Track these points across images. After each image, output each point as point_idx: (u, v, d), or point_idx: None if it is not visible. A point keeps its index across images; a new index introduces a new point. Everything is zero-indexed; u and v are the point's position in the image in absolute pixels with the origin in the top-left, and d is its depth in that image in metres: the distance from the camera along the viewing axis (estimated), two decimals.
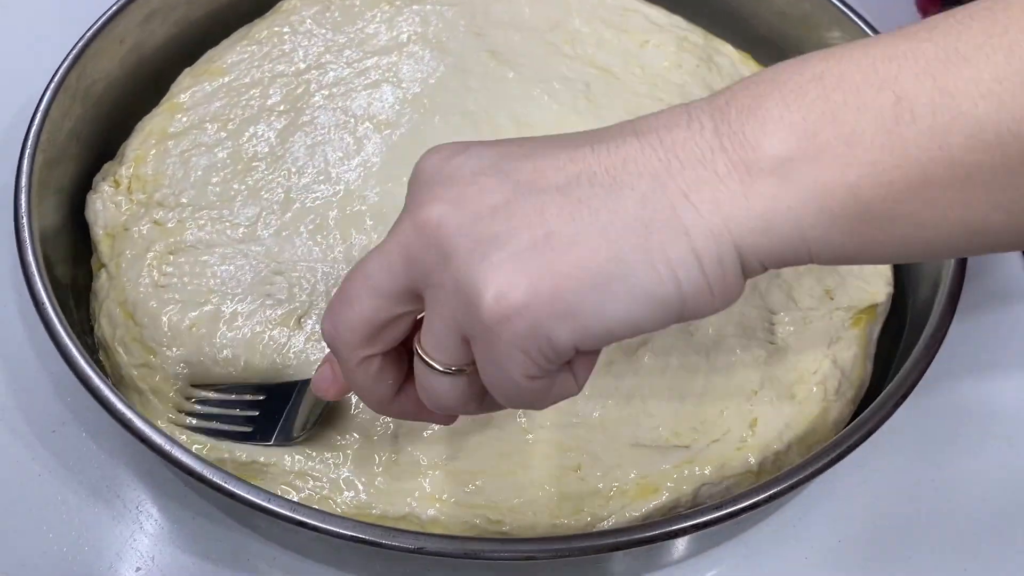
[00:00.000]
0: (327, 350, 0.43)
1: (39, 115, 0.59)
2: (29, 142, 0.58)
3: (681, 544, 0.56)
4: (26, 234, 0.55)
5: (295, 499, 0.51)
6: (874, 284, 0.62)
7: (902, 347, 0.62)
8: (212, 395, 0.55)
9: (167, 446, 0.48)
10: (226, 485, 0.47)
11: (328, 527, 0.46)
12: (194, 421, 0.54)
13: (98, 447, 0.59)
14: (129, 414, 0.49)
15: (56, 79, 0.61)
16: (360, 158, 0.65)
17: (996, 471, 0.62)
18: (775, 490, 0.48)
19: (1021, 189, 0.33)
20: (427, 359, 0.38)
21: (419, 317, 0.39)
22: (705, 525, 0.47)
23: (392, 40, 0.71)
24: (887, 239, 0.34)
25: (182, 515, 0.57)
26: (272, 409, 0.53)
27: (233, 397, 0.54)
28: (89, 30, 0.63)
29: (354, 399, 0.54)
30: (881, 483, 0.61)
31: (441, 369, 0.38)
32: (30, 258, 0.54)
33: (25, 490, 0.57)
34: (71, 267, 0.62)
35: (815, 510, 0.60)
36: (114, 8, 0.65)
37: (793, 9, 0.75)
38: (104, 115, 0.66)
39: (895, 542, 0.59)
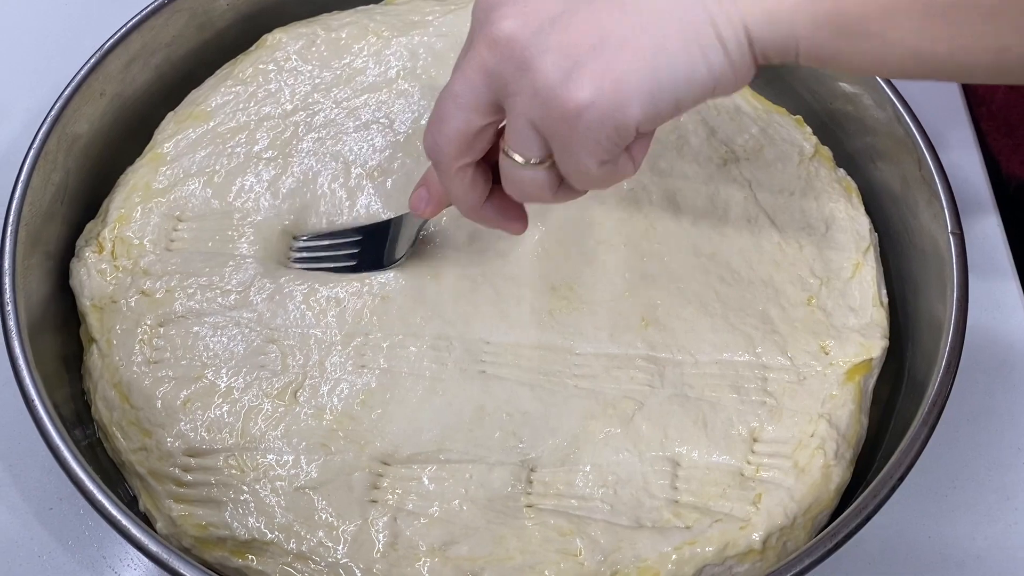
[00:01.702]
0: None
1: (18, 191, 0.57)
2: (9, 230, 0.56)
3: None
4: (13, 332, 0.54)
5: None
6: (871, 337, 0.60)
7: (900, 402, 0.61)
8: (313, 243, 0.62)
9: (164, 554, 0.48)
10: None
11: None
12: (298, 267, 0.61)
13: (95, 523, 0.59)
14: (125, 521, 0.49)
15: (35, 147, 0.58)
16: (353, 213, 0.63)
17: (993, 526, 0.62)
18: None
19: (958, 26, 0.40)
20: (513, 156, 0.45)
21: (501, 127, 0.46)
22: None
23: (381, 76, 0.69)
24: (857, 51, 0.42)
25: None
26: (371, 244, 0.61)
27: (335, 241, 0.62)
28: (66, 88, 0.61)
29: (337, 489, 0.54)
30: (882, 539, 0.61)
31: (524, 163, 0.45)
32: (18, 354, 0.53)
33: (25, 573, 0.57)
34: (63, 334, 0.61)
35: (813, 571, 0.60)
36: (92, 62, 0.62)
37: None
38: (89, 168, 0.64)
39: None
